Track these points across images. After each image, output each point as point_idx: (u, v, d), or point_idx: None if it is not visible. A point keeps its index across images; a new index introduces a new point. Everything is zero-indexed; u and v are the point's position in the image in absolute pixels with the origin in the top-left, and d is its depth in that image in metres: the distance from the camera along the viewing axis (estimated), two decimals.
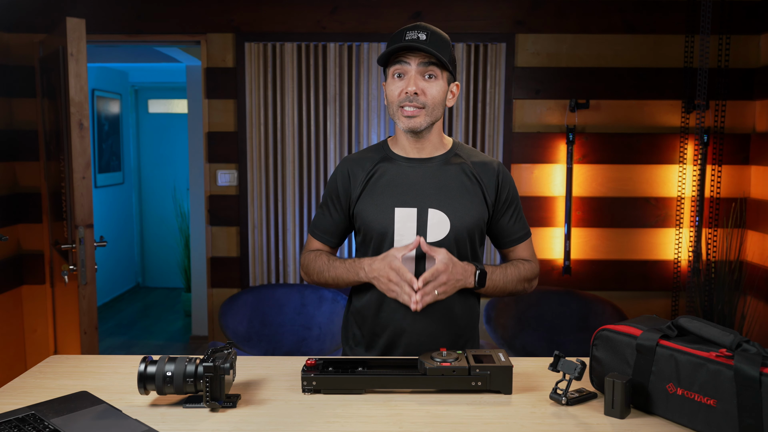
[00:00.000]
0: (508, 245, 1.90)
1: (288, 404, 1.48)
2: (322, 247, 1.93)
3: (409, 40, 1.67)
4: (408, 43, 1.67)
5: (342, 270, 1.80)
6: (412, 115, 1.72)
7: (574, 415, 1.43)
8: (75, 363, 1.77)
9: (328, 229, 1.91)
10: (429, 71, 1.70)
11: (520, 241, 1.90)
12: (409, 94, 1.69)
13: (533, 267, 1.88)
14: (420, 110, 1.71)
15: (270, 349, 3.45)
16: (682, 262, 3.96)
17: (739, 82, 3.85)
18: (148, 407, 1.46)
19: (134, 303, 6.58)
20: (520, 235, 1.89)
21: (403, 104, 1.72)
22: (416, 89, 1.69)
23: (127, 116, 6.90)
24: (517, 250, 1.90)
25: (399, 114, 1.74)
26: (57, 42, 3.09)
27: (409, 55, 1.70)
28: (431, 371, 1.51)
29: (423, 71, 1.70)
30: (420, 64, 1.70)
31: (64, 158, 3.04)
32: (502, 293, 1.82)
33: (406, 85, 1.70)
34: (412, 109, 1.71)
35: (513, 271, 1.82)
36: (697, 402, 1.32)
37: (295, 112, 3.96)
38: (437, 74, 1.71)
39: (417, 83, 1.69)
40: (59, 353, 3.28)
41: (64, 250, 3.05)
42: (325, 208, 1.91)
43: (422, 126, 1.74)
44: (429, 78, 1.71)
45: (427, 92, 1.71)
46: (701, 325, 1.39)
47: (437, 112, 1.75)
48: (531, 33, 3.89)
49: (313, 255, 1.89)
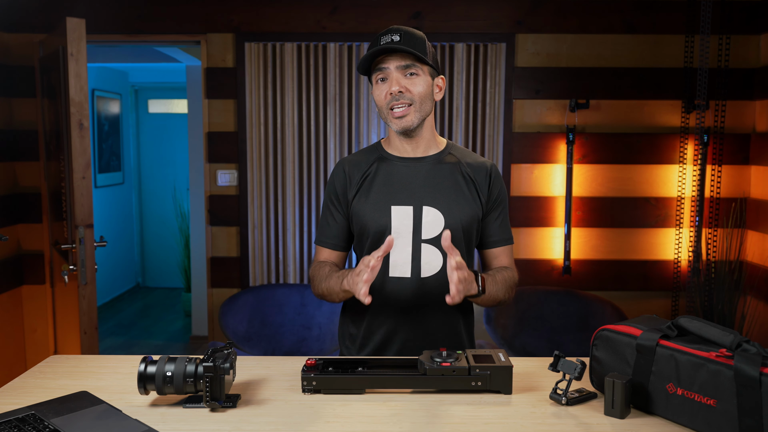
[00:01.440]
0: (488, 246, 1.89)
1: (288, 404, 1.48)
2: (331, 254, 1.91)
3: (384, 44, 1.70)
4: (383, 46, 1.70)
5: (333, 280, 1.76)
6: (402, 115, 1.74)
7: (574, 415, 1.43)
8: (75, 363, 1.77)
9: (334, 233, 1.89)
10: (409, 70, 1.73)
11: (501, 245, 1.88)
12: (394, 94, 1.72)
13: (514, 275, 1.86)
14: (408, 107, 1.74)
15: (270, 349, 3.45)
16: (682, 262, 3.95)
17: (739, 82, 3.84)
18: (148, 407, 1.46)
19: (134, 303, 6.58)
20: (503, 238, 1.88)
21: (390, 105, 1.74)
22: (400, 87, 1.72)
23: (127, 116, 6.91)
24: (497, 254, 1.89)
25: (390, 117, 1.76)
26: (57, 42, 3.09)
27: (387, 59, 1.73)
28: (431, 371, 1.51)
29: (403, 71, 1.73)
30: (398, 66, 1.73)
31: (64, 158, 3.04)
32: (494, 301, 1.78)
33: (389, 87, 1.73)
34: (401, 109, 1.74)
35: (500, 278, 1.79)
36: (697, 402, 1.32)
37: (295, 112, 3.96)
38: (418, 71, 1.74)
39: (399, 82, 1.72)
40: (59, 353, 3.25)
41: (64, 250, 3.05)
42: (328, 213, 1.90)
43: (413, 123, 1.75)
44: (411, 76, 1.74)
45: (411, 89, 1.73)
46: (701, 325, 1.39)
47: (426, 106, 1.77)
48: (531, 33, 3.89)
49: (318, 266, 1.88)
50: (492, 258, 1.90)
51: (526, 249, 4.00)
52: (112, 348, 5.15)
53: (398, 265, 1.78)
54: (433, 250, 1.78)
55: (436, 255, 1.78)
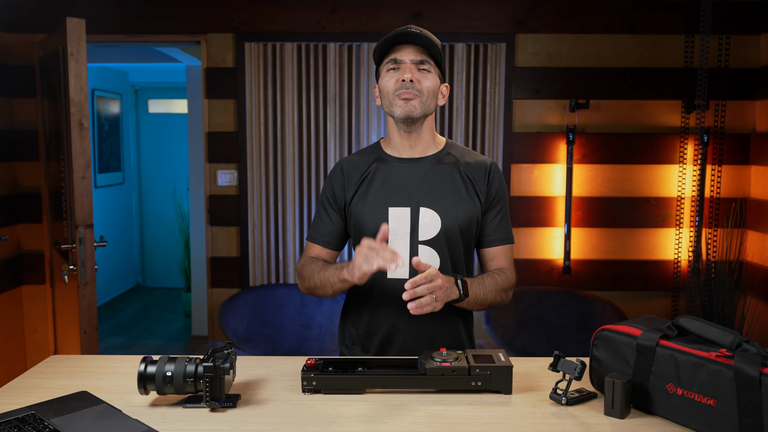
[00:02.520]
0: (485, 245, 1.87)
1: (288, 404, 1.48)
2: (322, 251, 1.90)
3: (402, 32, 1.73)
4: (405, 30, 1.72)
5: (330, 271, 1.75)
6: (409, 97, 1.73)
7: (574, 415, 1.43)
8: (75, 363, 1.77)
9: (327, 230, 1.89)
10: (423, 65, 1.75)
11: (500, 244, 1.86)
12: (405, 81, 1.73)
13: (509, 277, 1.83)
14: (416, 95, 1.74)
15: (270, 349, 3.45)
16: (682, 262, 3.95)
17: (739, 82, 3.84)
18: (148, 407, 1.46)
19: (134, 303, 6.58)
20: (502, 237, 1.86)
21: (399, 91, 1.74)
22: (412, 76, 1.73)
23: (127, 116, 6.91)
24: (494, 254, 1.87)
25: (395, 100, 1.75)
26: (57, 42, 3.09)
27: (402, 50, 1.75)
28: (431, 371, 1.51)
29: (417, 65, 1.75)
30: (413, 59, 1.75)
31: (64, 158, 3.04)
32: (482, 305, 1.76)
33: (401, 74, 1.74)
34: (409, 93, 1.73)
35: (490, 281, 1.77)
36: (697, 402, 1.32)
37: (295, 112, 3.96)
38: (430, 69, 1.77)
39: (413, 72, 1.74)
40: (59, 353, 3.25)
41: (64, 250, 3.05)
42: (322, 211, 1.90)
43: (417, 111, 1.75)
44: (423, 71, 1.76)
45: (422, 82, 1.75)
46: (701, 325, 1.39)
47: (430, 103, 1.78)
48: (531, 33, 3.89)
49: (309, 260, 1.87)
50: (488, 258, 1.88)
51: (526, 249, 3.99)
52: (112, 348, 5.15)
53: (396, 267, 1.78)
54: (430, 252, 1.78)
55: (434, 256, 1.78)
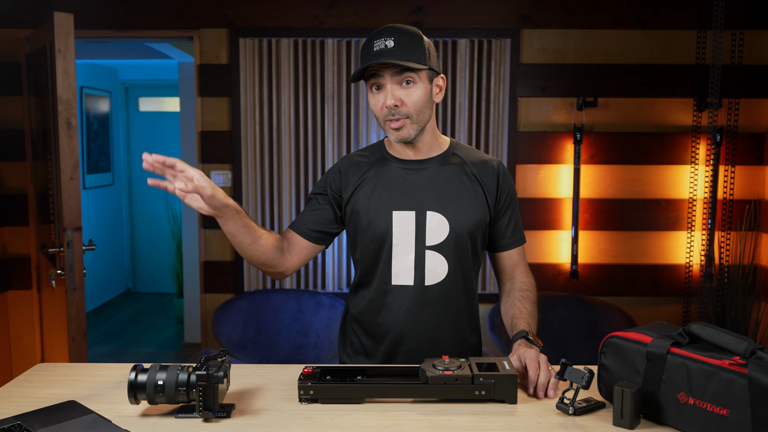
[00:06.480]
0: (501, 248, 1.89)
1: (284, 414, 1.47)
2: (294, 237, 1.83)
3: (377, 51, 1.65)
4: (375, 60, 1.63)
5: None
6: (399, 127, 1.70)
7: (582, 426, 1.42)
8: (63, 371, 1.77)
9: (309, 219, 1.84)
10: (405, 78, 1.68)
11: (514, 246, 1.89)
12: (389, 107, 1.68)
13: (533, 285, 1.90)
14: (405, 120, 1.69)
15: (265, 356, 3.49)
16: (693, 267, 3.93)
17: (753, 80, 3.82)
18: (139, 417, 1.46)
19: (124, 309, 6.61)
20: (516, 238, 1.89)
21: (387, 118, 1.70)
22: (395, 101, 1.67)
23: (116, 115, 6.94)
24: (510, 255, 1.90)
25: (387, 127, 1.73)
26: (44, 37, 3.12)
27: (380, 68, 1.66)
28: (433, 380, 1.50)
29: (398, 80, 1.68)
30: (393, 74, 1.66)
31: (52, 158, 3.05)
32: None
33: (384, 99, 1.68)
34: (398, 122, 1.69)
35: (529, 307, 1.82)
36: (709, 412, 1.31)
37: (291, 111, 3.93)
38: (414, 78, 1.69)
39: (394, 94, 1.67)
40: (46, 361, 3.33)
41: (51, 254, 3.07)
42: (314, 201, 1.86)
43: (411, 136, 1.72)
44: (407, 84, 1.68)
45: (406, 101, 1.69)
46: (714, 332, 1.38)
47: (423, 116, 1.72)
48: (537, 28, 3.86)
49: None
50: (507, 261, 1.90)
51: (531, 253, 3.97)
52: (102, 356, 5.16)
53: (401, 273, 1.77)
54: (438, 257, 1.76)
55: (442, 262, 1.77)
